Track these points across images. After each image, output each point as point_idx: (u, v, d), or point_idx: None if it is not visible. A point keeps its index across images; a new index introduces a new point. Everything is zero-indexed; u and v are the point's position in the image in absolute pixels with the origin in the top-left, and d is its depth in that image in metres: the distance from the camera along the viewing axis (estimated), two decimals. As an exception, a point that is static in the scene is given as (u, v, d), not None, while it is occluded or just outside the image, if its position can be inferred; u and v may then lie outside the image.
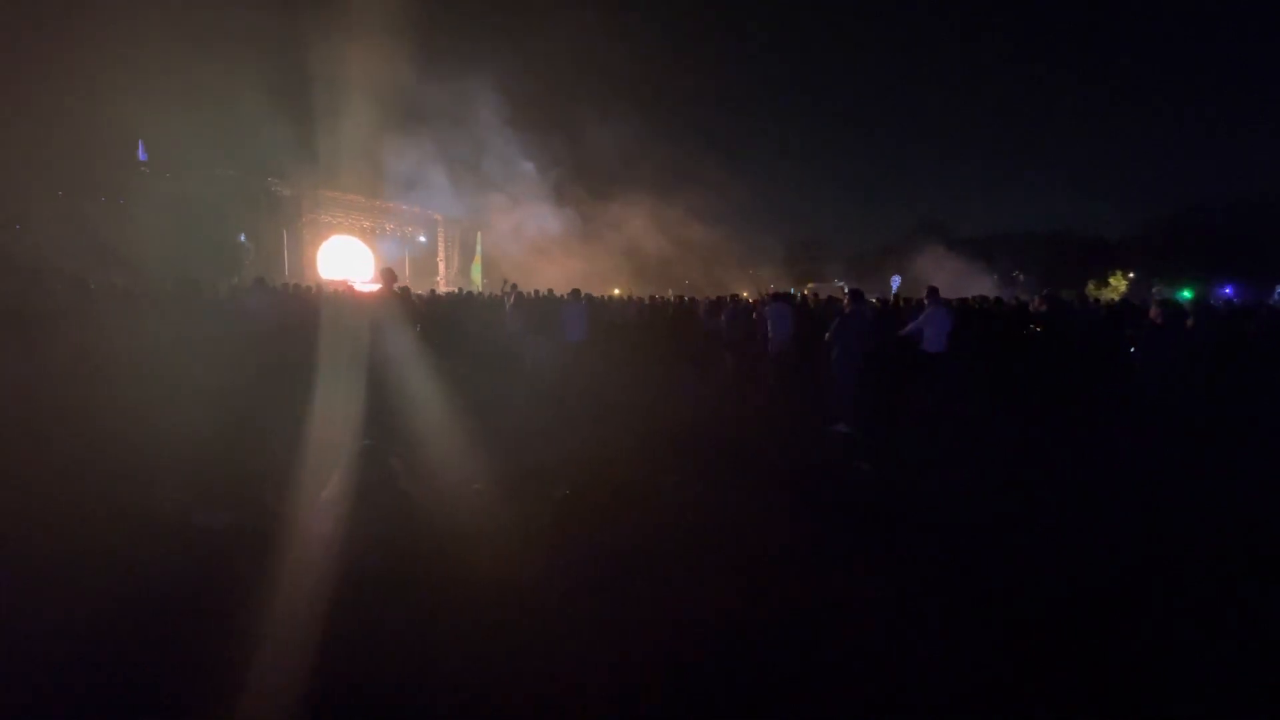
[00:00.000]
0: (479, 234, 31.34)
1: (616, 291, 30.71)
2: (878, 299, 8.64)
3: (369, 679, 2.54)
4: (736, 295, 16.06)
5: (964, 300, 11.48)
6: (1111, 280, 42.18)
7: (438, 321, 9.08)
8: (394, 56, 25.76)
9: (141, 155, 21.85)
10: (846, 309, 6.86)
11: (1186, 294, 23.17)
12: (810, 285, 42.32)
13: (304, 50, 23.41)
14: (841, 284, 45.44)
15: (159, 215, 20.33)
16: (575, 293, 8.95)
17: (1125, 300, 13.03)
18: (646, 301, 12.72)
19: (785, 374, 8.66)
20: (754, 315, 9.86)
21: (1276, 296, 22.29)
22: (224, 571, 3.41)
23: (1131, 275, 41.58)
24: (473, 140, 31.84)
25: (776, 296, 9.53)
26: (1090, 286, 41.84)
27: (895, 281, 44.36)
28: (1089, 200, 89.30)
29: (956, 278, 32.88)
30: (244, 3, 25.29)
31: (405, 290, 8.83)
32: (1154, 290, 37.31)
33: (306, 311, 8.89)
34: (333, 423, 5.53)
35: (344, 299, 9.64)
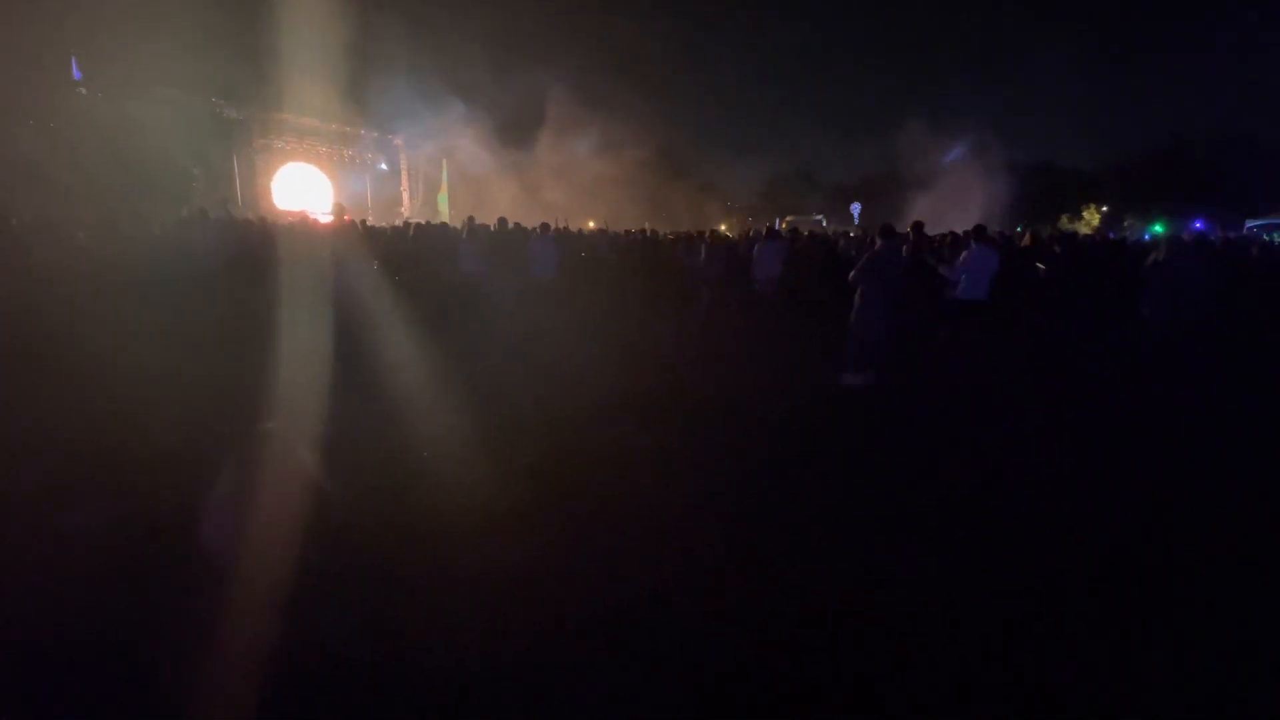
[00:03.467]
0: (444, 162, 29.85)
1: (592, 224, 29.85)
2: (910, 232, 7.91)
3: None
4: (715, 230, 15.61)
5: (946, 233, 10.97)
6: (1084, 214, 42.32)
7: (396, 258, 8.41)
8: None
9: (75, 74, 20.02)
10: (876, 246, 5.98)
11: (1158, 228, 23.33)
12: (789, 219, 41.60)
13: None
14: (820, 218, 44.83)
15: (95, 140, 18.84)
16: (544, 226, 8.42)
17: (1118, 238, 12.93)
18: (622, 235, 12.23)
19: (775, 316, 8.26)
20: (737, 252, 9.53)
21: (1245, 230, 22.55)
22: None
23: (1104, 209, 41.74)
24: (437, 61, 29.88)
25: (769, 234, 9.04)
26: (1064, 219, 42.00)
27: (855, 209, 43.91)
28: (1063, 134, 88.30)
29: (930, 209, 32.58)
30: None
31: (357, 224, 8.31)
32: (1125, 223, 37.63)
33: (256, 248, 8.32)
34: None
35: (294, 233, 8.98)
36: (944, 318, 6.92)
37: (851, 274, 5.90)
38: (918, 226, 8.22)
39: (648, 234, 12.00)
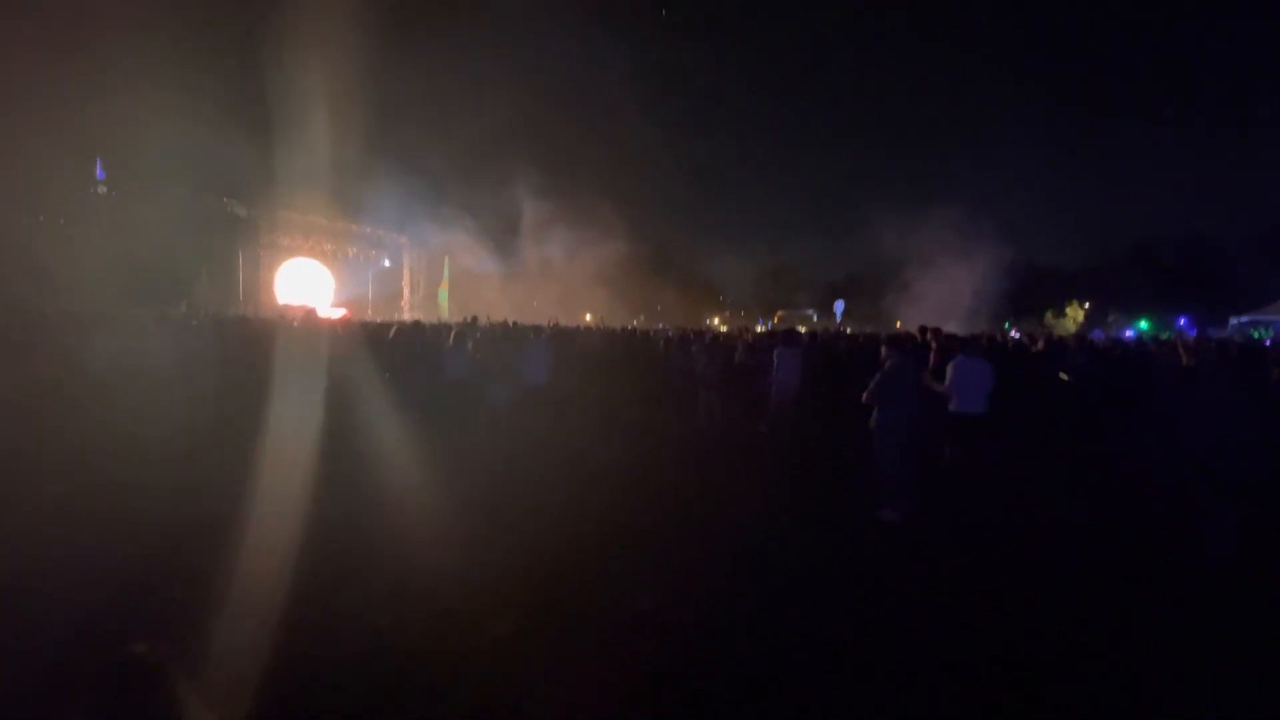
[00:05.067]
0: (446, 259, 30.70)
1: (589, 317, 30.34)
2: (918, 335, 7.52)
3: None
4: (712, 330, 15.47)
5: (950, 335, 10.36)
6: (1068, 310, 43.42)
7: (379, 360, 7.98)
8: (358, 73, 25.30)
9: (99, 174, 20.82)
10: (885, 363, 5.48)
11: (1144, 324, 23.86)
12: (780, 314, 42.56)
13: (265, 66, 22.71)
14: (812, 313, 45.86)
15: (106, 237, 19.33)
16: (538, 329, 8.29)
17: (1139, 340, 12.73)
18: (618, 331, 12.26)
19: (792, 430, 7.62)
20: (734, 356, 9.28)
21: (1231, 327, 23.04)
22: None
23: (1086, 306, 42.88)
24: (441, 162, 31.42)
25: (788, 337, 8.38)
26: (1048, 315, 43.04)
27: (839, 307, 44.48)
28: (1038, 233, 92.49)
29: (920, 307, 33.32)
30: (205, 17, 24.65)
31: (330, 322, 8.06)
32: (1109, 320, 38.53)
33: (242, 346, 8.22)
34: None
35: (283, 332, 8.88)
36: (947, 434, 6.34)
37: (865, 394, 5.42)
38: (928, 333, 7.74)
39: (638, 331, 11.80)
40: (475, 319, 9.61)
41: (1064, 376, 7.89)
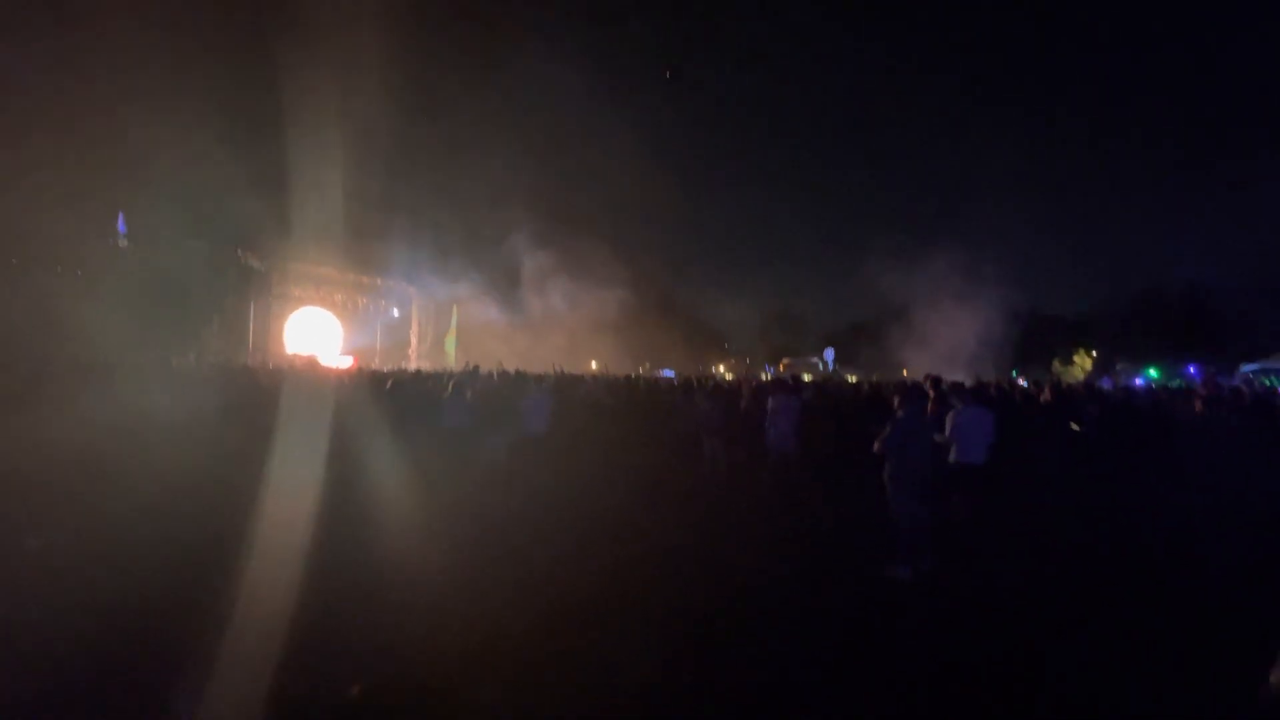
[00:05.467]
0: (455, 308, 31.11)
1: (594, 365, 30.47)
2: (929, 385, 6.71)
3: None
4: (714, 377, 15.43)
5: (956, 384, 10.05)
6: (1076, 358, 43.23)
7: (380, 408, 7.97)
8: (372, 132, 26.30)
9: (121, 228, 21.43)
10: (899, 412, 5.26)
11: (1152, 373, 23.67)
12: (786, 361, 42.51)
13: (283, 125, 23.61)
14: (817, 360, 45.73)
15: (119, 288, 19.76)
16: (539, 378, 8.29)
17: (1152, 386, 12.39)
18: (620, 379, 12.26)
19: (789, 480, 7.40)
20: (739, 403, 9.20)
21: (1240, 375, 22.81)
22: None
23: (1094, 353, 42.70)
24: (450, 215, 32.22)
25: (782, 385, 8.15)
26: (1055, 363, 42.83)
27: (829, 355, 44.24)
28: (1047, 279, 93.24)
29: (926, 354, 33.25)
30: (224, 72, 25.82)
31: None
32: (1118, 368, 38.28)
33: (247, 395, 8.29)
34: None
35: (289, 380, 8.96)
36: (952, 484, 6.10)
37: (876, 444, 5.24)
38: (929, 380, 7.66)
39: (641, 378, 11.70)
40: (476, 368, 9.66)
41: (1075, 426, 7.68)
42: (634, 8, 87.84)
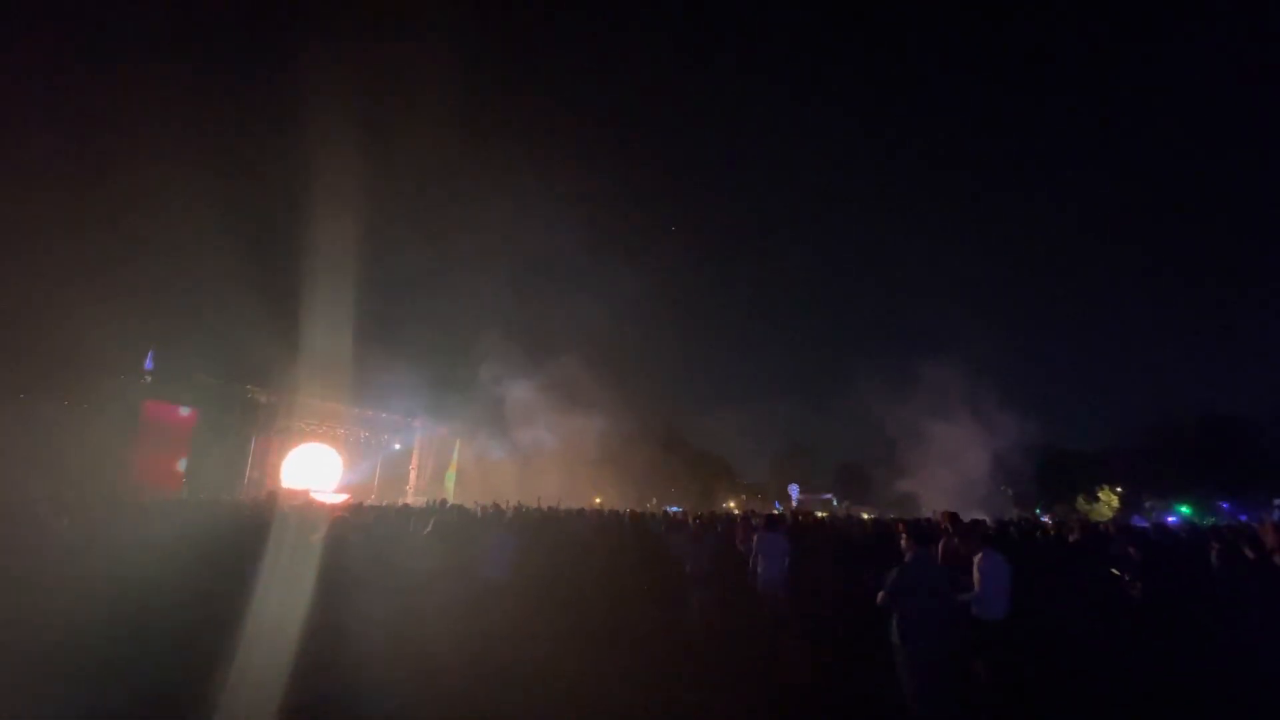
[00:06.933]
0: (457, 442, 30.88)
1: (598, 501, 29.49)
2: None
3: None
4: (701, 514, 14.40)
5: (975, 523, 8.88)
6: (1101, 495, 41.44)
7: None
8: (382, 264, 27.80)
9: (149, 364, 22.00)
10: (907, 555, 4.60)
11: (1185, 510, 22.42)
12: (799, 497, 41.11)
13: (296, 269, 25.00)
14: (830, 497, 44.22)
15: (123, 423, 19.93)
16: (497, 511, 7.62)
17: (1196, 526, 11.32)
18: (616, 516, 11.47)
19: (780, 627, 6.68)
20: (731, 542, 8.53)
21: (1276, 514, 21.53)
22: None
23: (1120, 490, 40.98)
24: (453, 352, 33.12)
25: (770, 522, 7.65)
26: (1080, 500, 41.01)
27: (794, 490, 42.25)
28: (1062, 415, 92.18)
29: (944, 493, 32.04)
30: (235, 216, 27.84)
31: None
32: (1146, 506, 36.51)
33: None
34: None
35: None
36: (976, 646, 5.27)
37: (880, 595, 4.48)
38: (954, 519, 6.68)
39: (629, 515, 10.90)
40: (444, 501, 9.14)
41: (1115, 572, 6.83)
42: (642, 164, 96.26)
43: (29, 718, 4.44)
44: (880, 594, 4.44)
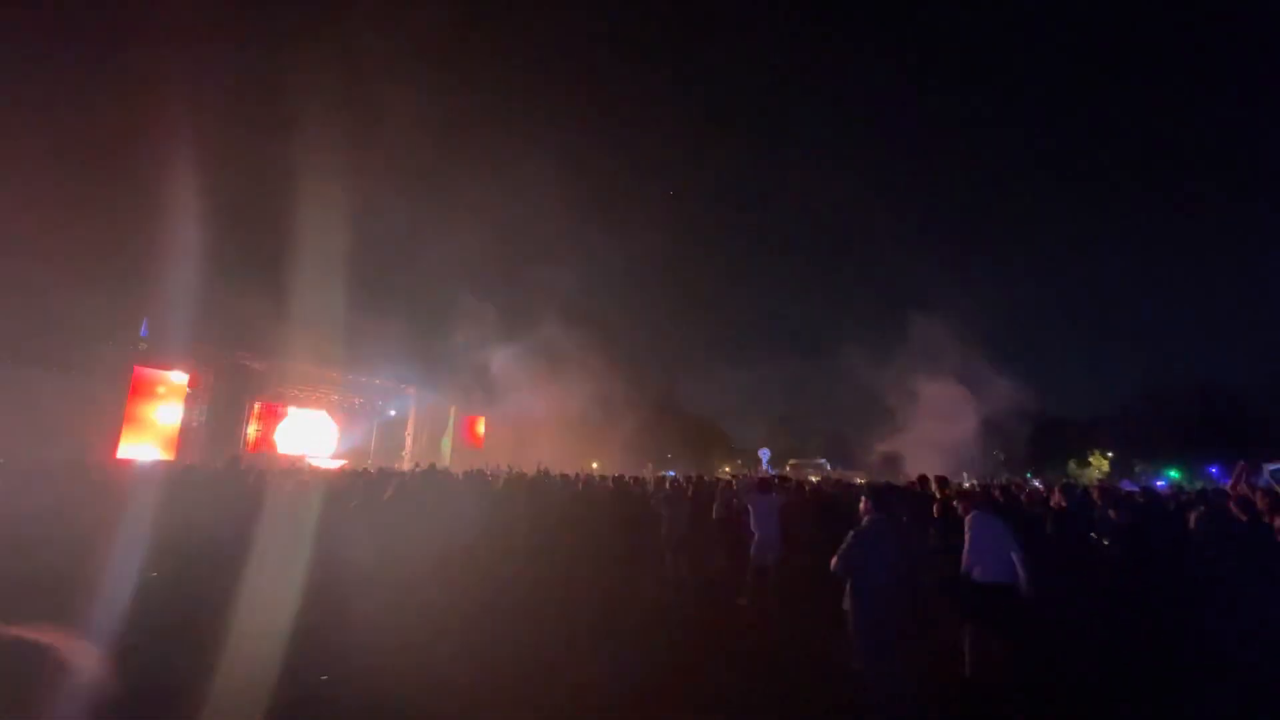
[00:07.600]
0: (452, 410, 30.97)
1: (595, 466, 29.79)
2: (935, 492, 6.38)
3: None
4: (700, 476, 14.50)
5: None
6: (1092, 460, 41.86)
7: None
8: (377, 230, 27.45)
9: (143, 332, 21.88)
10: (864, 518, 4.48)
11: (1173, 474, 22.64)
12: (792, 463, 41.40)
13: (287, 232, 24.67)
14: (824, 462, 44.48)
15: (117, 389, 19.93)
16: (472, 475, 7.64)
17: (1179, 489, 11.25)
18: (600, 480, 11.46)
19: (770, 593, 6.61)
20: (715, 509, 8.50)
21: (1265, 478, 21.69)
22: None
23: (1110, 455, 41.37)
24: (450, 316, 32.99)
25: (762, 485, 7.60)
26: (1072, 466, 41.45)
27: (764, 455, 41.96)
28: (1062, 380, 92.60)
29: (936, 456, 32.29)
30: (233, 174, 27.38)
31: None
32: (1136, 470, 36.90)
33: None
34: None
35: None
36: (963, 610, 5.23)
37: (833, 561, 4.28)
38: (930, 481, 6.60)
39: (607, 479, 10.73)
40: (433, 465, 9.22)
41: (1094, 535, 6.68)
42: (641, 127, 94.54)
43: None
44: (833, 561, 4.28)
